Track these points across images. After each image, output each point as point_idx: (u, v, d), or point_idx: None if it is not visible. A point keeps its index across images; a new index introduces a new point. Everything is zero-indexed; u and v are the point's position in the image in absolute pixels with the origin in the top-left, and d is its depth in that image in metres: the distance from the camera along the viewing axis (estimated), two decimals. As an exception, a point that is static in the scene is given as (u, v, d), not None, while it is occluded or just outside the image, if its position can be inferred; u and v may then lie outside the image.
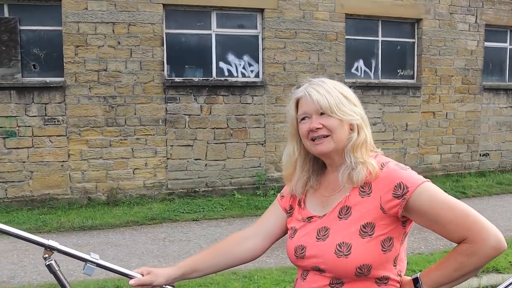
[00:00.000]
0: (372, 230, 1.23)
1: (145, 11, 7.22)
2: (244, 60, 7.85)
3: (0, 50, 6.94)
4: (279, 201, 1.50)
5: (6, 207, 6.95)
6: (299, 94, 1.34)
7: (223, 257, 1.46)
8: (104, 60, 7.14)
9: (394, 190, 1.21)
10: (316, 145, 1.30)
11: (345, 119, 1.28)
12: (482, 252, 1.16)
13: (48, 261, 1.30)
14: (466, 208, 1.20)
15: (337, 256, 1.23)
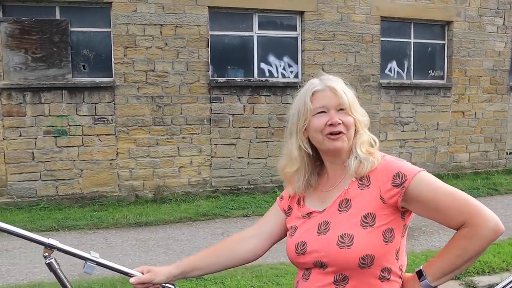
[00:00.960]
0: (373, 220, 1.24)
1: (191, 13, 7.38)
2: (284, 61, 8.03)
3: (52, 51, 7.08)
4: (278, 203, 1.51)
5: (57, 205, 7.07)
6: (317, 87, 1.32)
7: (223, 257, 1.46)
8: (152, 61, 7.30)
9: (393, 179, 1.23)
10: (333, 140, 1.29)
11: (357, 119, 1.31)
12: (482, 234, 1.17)
13: (48, 259, 1.29)
14: (463, 194, 1.22)
15: (339, 247, 1.23)
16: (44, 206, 6.98)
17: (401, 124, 8.57)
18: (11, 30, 6.94)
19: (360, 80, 8.22)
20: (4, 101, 6.88)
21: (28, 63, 7.04)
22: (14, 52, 6.99)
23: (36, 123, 7.00)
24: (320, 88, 1.31)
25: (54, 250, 1.29)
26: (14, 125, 6.94)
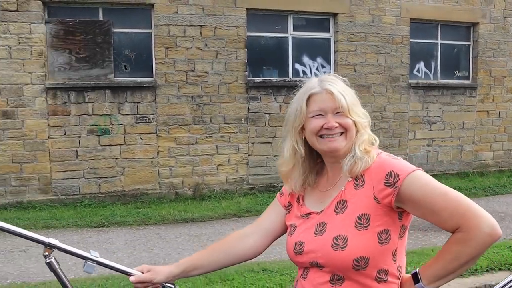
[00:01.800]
0: (368, 221, 1.22)
1: (230, 15, 7.54)
2: (317, 62, 8.20)
3: (95, 51, 7.21)
4: (278, 199, 1.50)
5: (100, 202, 7.19)
6: (315, 90, 1.30)
7: (223, 255, 1.45)
8: (192, 61, 7.44)
9: (386, 178, 1.21)
10: (327, 142, 1.28)
11: (356, 120, 1.29)
12: (477, 239, 1.14)
13: (48, 259, 1.28)
14: (459, 195, 1.18)
15: (334, 249, 1.23)
16: (88, 203, 7.10)
17: (428, 123, 8.76)
18: (56, 31, 7.06)
19: (390, 80, 8.40)
20: (49, 100, 7.00)
21: (72, 63, 7.16)
22: (59, 52, 7.11)
23: (80, 122, 7.12)
24: (317, 91, 1.29)
25: (54, 250, 1.28)
26: (59, 124, 7.06)
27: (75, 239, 5.73)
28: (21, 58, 6.86)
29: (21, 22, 6.83)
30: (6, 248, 5.38)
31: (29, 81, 6.91)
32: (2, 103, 6.86)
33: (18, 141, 6.95)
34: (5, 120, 6.88)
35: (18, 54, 6.85)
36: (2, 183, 6.97)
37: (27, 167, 7.01)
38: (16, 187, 7.01)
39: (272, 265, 4.36)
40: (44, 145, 7.03)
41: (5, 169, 6.95)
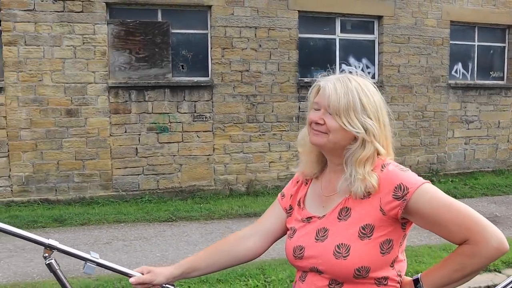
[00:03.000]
0: (371, 232, 1.21)
1: (283, 17, 7.75)
2: (362, 63, 8.45)
3: (154, 51, 7.39)
4: (279, 200, 1.48)
5: (159, 198, 7.37)
6: (321, 83, 1.30)
7: (223, 256, 1.44)
8: (247, 61, 7.65)
9: (394, 191, 1.19)
10: (312, 135, 1.29)
11: (347, 129, 1.23)
12: (483, 253, 1.14)
13: (48, 260, 1.28)
14: (467, 209, 1.17)
15: (335, 257, 1.22)
16: (148, 199, 7.28)
17: (466, 122, 9.04)
18: (117, 31, 7.24)
19: (431, 81, 8.67)
20: (111, 99, 7.18)
21: (132, 63, 7.34)
22: (119, 52, 7.29)
23: (140, 120, 7.30)
24: (321, 85, 1.29)
25: (54, 251, 1.28)
26: (120, 122, 7.24)
27: (150, 233, 5.92)
28: (85, 58, 7.03)
29: (86, 23, 7.00)
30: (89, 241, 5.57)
31: (92, 80, 7.09)
32: (66, 102, 7.03)
33: (81, 139, 7.12)
34: (69, 118, 7.05)
35: (82, 54, 7.02)
36: (66, 179, 7.13)
37: (89, 164, 7.18)
38: (79, 183, 7.18)
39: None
40: (106, 142, 7.21)
41: (68, 166, 7.12)
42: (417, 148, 8.69)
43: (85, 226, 6.22)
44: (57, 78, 6.97)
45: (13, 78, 6.84)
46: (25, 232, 1.27)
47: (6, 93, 6.83)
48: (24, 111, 6.91)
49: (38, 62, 6.89)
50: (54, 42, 6.91)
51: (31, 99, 6.91)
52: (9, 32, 6.78)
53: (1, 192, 6.96)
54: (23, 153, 6.96)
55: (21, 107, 6.89)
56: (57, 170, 7.08)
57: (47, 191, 7.08)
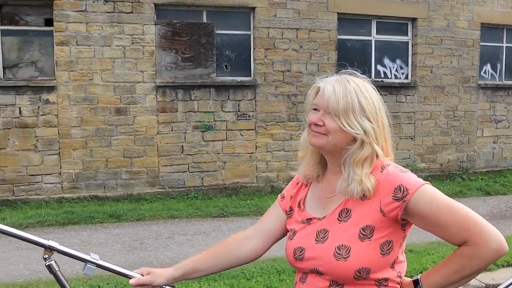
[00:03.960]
0: (372, 233, 1.21)
1: (323, 19, 7.93)
2: (396, 64, 8.65)
3: (199, 51, 7.54)
4: (279, 202, 1.48)
5: (204, 194, 7.52)
6: (320, 84, 1.30)
7: (223, 258, 1.44)
8: (289, 62, 7.82)
9: (394, 192, 1.19)
10: (312, 136, 1.29)
11: (346, 130, 1.23)
12: (482, 255, 1.14)
13: (48, 261, 1.27)
14: (467, 210, 1.17)
15: (336, 258, 1.21)
16: (194, 195, 7.43)
17: (495, 122, 9.25)
18: (164, 32, 7.38)
19: (461, 81, 8.87)
20: (159, 97, 7.32)
21: (178, 63, 7.49)
22: (166, 52, 7.44)
23: (186, 119, 7.45)
24: (321, 86, 1.29)
25: (54, 252, 1.28)
26: (167, 120, 7.39)
27: (208, 228, 6.08)
28: (134, 57, 7.17)
29: (135, 24, 7.14)
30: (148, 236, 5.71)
31: (141, 80, 7.23)
32: (115, 100, 7.17)
33: (129, 137, 7.26)
34: (118, 116, 7.19)
35: (131, 53, 7.16)
36: (114, 176, 7.27)
37: (137, 161, 7.32)
38: (126, 180, 7.32)
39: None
40: (153, 140, 7.35)
41: (117, 163, 7.26)
42: (448, 147, 8.90)
43: (141, 221, 6.37)
44: (107, 78, 7.10)
45: (64, 78, 6.97)
46: (25, 234, 1.25)
47: (57, 92, 6.96)
48: (75, 110, 7.04)
49: (89, 62, 7.03)
50: (105, 42, 7.05)
51: (81, 98, 7.05)
52: (61, 33, 6.91)
53: (52, 188, 7.09)
54: (73, 151, 7.09)
55: (72, 106, 7.02)
56: (106, 167, 7.22)
57: (96, 188, 7.22)
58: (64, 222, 6.22)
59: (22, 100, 6.87)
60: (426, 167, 8.73)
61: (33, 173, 7.01)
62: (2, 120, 6.82)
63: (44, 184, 7.06)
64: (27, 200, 6.95)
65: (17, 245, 5.14)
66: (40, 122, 6.94)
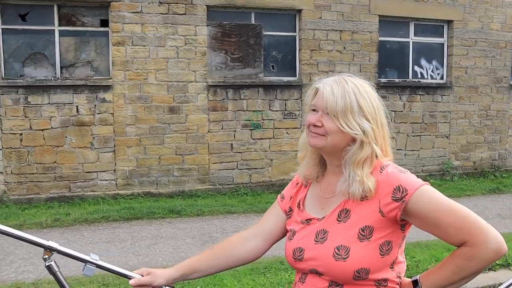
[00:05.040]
0: (371, 233, 1.21)
1: (365, 21, 8.15)
2: (432, 65, 8.89)
3: (247, 52, 7.74)
4: (279, 202, 1.47)
5: (252, 191, 7.72)
6: (318, 85, 1.29)
7: (223, 258, 1.43)
8: (333, 62, 8.03)
9: (393, 193, 1.18)
10: (311, 137, 1.28)
11: (345, 130, 1.22)
12: (482, 256, 1.14)
13: (48, 262, 1.27)
14: (466, 211, 1.17)
15: (335, 259, 1.21)
16: (243, 192, 7.62)
17: (525, 121, 9.55)
18: (214, 33, 7.57)
19: (494, 82, 9.13)
20: (210, 96, 7.51)
21: (227, 63, 7.68)
22: (216, 52, 7.63)
23: (235, 117, 7.64)
24: (319, 87, 1.28)
25: (53, 253, 1.27)
26: (218, 119, 7.58)
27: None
28: (186, 57, 7.36)
29: (188, 25, 7.32)
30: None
31: (193, 79, 7.41)
32: (169, 99, 7.35)
33: (181, 135, 7.44)
34: (171, 115, 7.37)
35: (184, 54, 7.34)
36: (166, 173, 7.45)
37: (188, 158, 7.51)
38: (178, 177, 7.50)
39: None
40: (204, 138, 7.54)
41: (169, 161, 7.44)
42: (481, 145, 9.15)
43: (201, 217, 6.54)
44: (160, 77, 7.28)
45: (120, 77, 7.14)
46: (25, 234, 1.25)
47: (113, 91, 7.13)
48: (130, 108, 7.21)
49: (143, 62, 7.20)
50: (159, 43, 7.23)
51: (136, 97, 7.22)
52: (118, 33, 7.08)
53: (107, 185, 7.26)
54: (127, 148, 7.26)
55: (127, 104, 7.19)
56: (159, 164, 7.40)
57: (148, 184, 7.40)
58: (128, 217, 6.38)
59: (79, 99, 7.03)
60: (460, 165, 8.97)
61: (89, 170, 7.17)
62: (60, 118, 6.98)
63: (99, 181, 7.22)
64: (83, 196, 7.12)
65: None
66: (97, 120, 7.11)
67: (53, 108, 6.95)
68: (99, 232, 5.87)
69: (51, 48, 7.07)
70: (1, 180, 6.89)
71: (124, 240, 5.54)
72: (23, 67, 7.06)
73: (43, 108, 6.92)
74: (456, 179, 8.72)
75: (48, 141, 6.98)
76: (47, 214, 6.46)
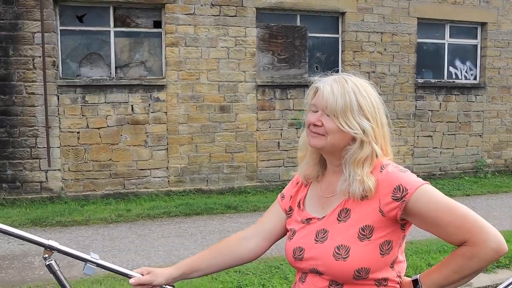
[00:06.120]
0: (371, 233, 1.20)
1: (404, 23, 8.39)
2: (466, 65, 9.16)
3: (293, 53, 7.96)
4: (279, 201, 1.46)
5: (298, 188, 7.94)
6: (318, 85, 1.28)
7: (223, 257, 1.42)
8: (374, 63, 8.27)
9: (393, 192, 1.18)
10: (311, 137, 1.28)
11: (345, 130, 1.22)
12: (481, 255, 1.13)
13: (48, 261, 1.27)
14: (466, 210, 1.16)
15: (335, 258, 1.20)
16: (290, 189, 7.84)
17: (552, 120, 9.84)
18: (263, 34, 7.78)
19: (525, 82, 9.45)
20: (259, 96, 7.71)
21: (274, 63, 7.90)
22: (264, 53, 7.84)
23: (282, 116, 7.86)
24: (319, 87, 1.27)
25: (54, 252, 1.27)
26: (266, 118, 7.79)
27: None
28: (237, 58, 7.56)
29: (238, 27, 7.53)
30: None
31: (243, 79, 7.62)
32: (220, 99, 7.55)
33: (231, 133, 7.64)
34: (221, 114, 7.57)
35: (234, 54, 7.55)
36: (216, 170, 7.65)
37: (237, 156, 7.71)
38: (228, 174, 7.70)
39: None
40: (253, 136, 7.75)
41: (219, 158, 7.64)
42: None
43: (257, 212, 6.74)
44: (212, 77, 7.48)
45: (174, 77, 7.33)
46: (25, 233, 1.25)
47: (167, 90, 7.32)
48: (183, 107, 7.40)
49: (196, 62, 7.40)
50: (211, 44, 7.42)
51: (189, 96, 7.41)
52: (172, 34, 7.27)
53: (160, 182, 7.45)
54: (180, 146, 7.46)
55: (180, 104, 7.39)
56: (209, 162, 7.60)
57: (199, 181, 7.59)
58: (188, 213, 6.57)
59: (134, 98, 7.21)
60: (492, 163, 9.24)
61: (142, 167, 7.35)
62: (116, 117, 7.16)
63: (152, 178, 7.41)
64: (137, 193, 7.30)
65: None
66: (151, 119, 7.30)
67: (109, 107, 7.13)
68: (165, 227, 6.06)
69: (107, 48, 7.25)
70: (59, 177, 7.06)
71: (193, 234, 5.73)
72: (79, 67, 7.23)
73: (100, 107, 7.10)
74: (489, 176, 8.99)
75: (104, 139, 7.16)
76: (108, 210, 6.65)
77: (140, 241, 5.48)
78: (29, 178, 6.98)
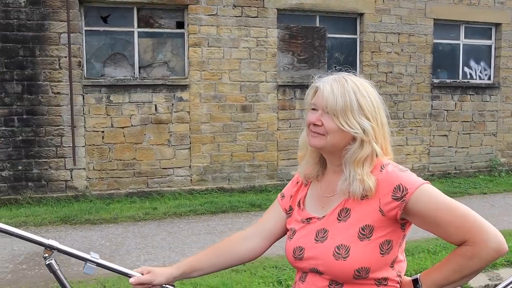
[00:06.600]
0: (371, 232, 1.20)
1: (421, 24, 8.51)
2: (480, 65, 9.28)
3: (312, 54, 8.06)
4: (279, 201, 1.46)
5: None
6: (318, 84, 1.29)
7: (223, 257, 1.42)
8: (391, 64, 8.38)
9: (393, 192, 1.18)
10: (311, 137, 1.27)
11: (345, 129, 1.22)
12: (482, 255, 1.13)
13: (48, 260, 1.26)
14: (466, 210, 1.16)
15: (335, 258, 1.20)
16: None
17: None
18: (283, 35, 7.88)
19: (537, 82, 9.58)
20: (279, 96, 7.81)
21: (294, 64, 8.00)
22: (284, 54, 7.94)
23: (302, 116, 7.95)
24: (319, 86, 1.28)
25: (54, 251, 1.27)
26: (286, 117, 7.88)
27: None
28: (258, 58, 7.65)
29: (260, 27, 7.62)
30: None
31: (264, 79, 7.71)
32: (241, 98, 7.65)
33: (252, 132, 7.74)
34: (243, 113, 7.67)
35: (256, 55, 7.64)
36: (238, 169, 7.74)
37: (258, 155, 7.80)
38: (249, 173, 7.79)
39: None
40: (274, 136, 7.84)
41: (240, 157, 7.73)
42: (524, 143, 9.57)
43: (281, 210, 6.85)
44: (234, 77, 7.57)
45: (196, 77, 7.42)
46: (25, 233, 1.25)
47: (190, 90, 7.41)
48: (205, 107, 7.49)
49: (218, 62, 7.49)
50: (233, 44, 7.52)
51: (211, 96, 7.50)
52: (195, 35, 7.36)
53: (182, 181, 7.54)
54: (202, 145, 7.55)
55: (202, 103, 7.47)
56: (231, 161, 7.69)
57: (221, 180, 7.68)
58: (214, 211, 6.66)
59: (158, 98, 7.30)
60: (506, 162, 9.37)
61: (165, 166, 7.44)
62: (140, 116, 7.25)
63: (175, 177, 7.50)
64: (160, 191, 7.38)
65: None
66: (174, 118, 7.38)
67: (133, 106, 7.21)
68: (193, 224, 6.15)
69: (130, 48, 7.33)
70: (83, 176, 7.14)
71: (223, 231, 5.82)
72: (103, 67, 7.32)
73: (124, 107, 7.18)
74: (503, 175, 9.11)
75: (128, 138, 7.24)
76: (134, 209, 6.73)
77: (172, 238, 5.57)
78: (54, 177, 7.05)
